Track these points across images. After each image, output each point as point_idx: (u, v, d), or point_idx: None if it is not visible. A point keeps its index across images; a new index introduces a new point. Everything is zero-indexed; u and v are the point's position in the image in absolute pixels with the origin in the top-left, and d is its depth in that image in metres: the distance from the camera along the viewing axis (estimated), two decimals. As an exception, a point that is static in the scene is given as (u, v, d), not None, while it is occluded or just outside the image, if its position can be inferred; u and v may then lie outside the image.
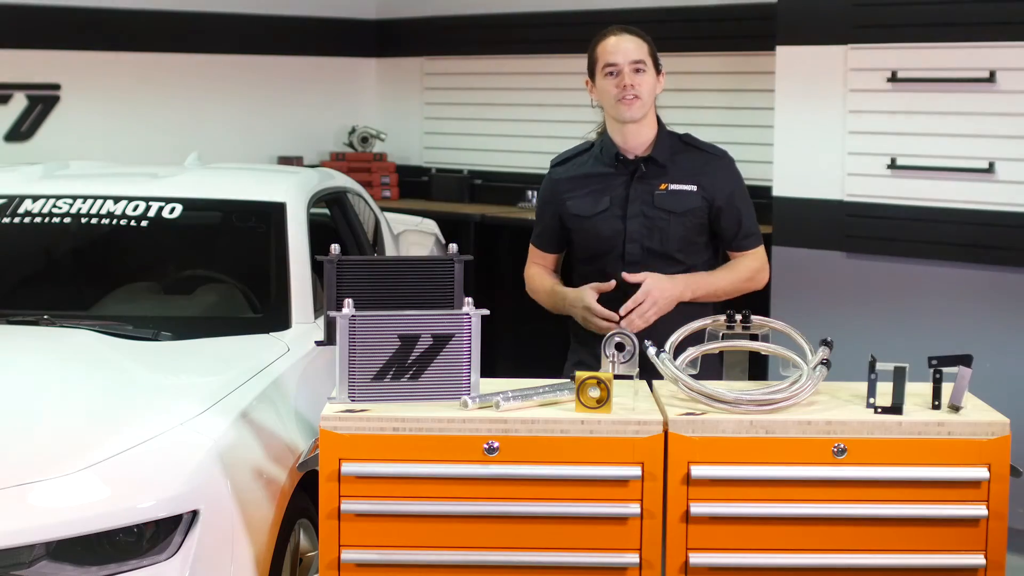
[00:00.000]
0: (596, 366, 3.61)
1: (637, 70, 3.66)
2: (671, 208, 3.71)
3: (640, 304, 3.59)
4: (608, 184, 3.75)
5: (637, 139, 3.73)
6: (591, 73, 3.75)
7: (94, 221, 4.55)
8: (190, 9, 7.68)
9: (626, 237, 3.71)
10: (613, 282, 3.65)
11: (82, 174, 5.07)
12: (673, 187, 3.72)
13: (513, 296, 4.97)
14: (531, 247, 3.95)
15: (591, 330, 3.65)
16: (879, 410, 3.08)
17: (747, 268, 3.80)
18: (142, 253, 4.67)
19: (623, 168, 3.75)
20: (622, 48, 3.68)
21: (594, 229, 3.75)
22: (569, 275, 3.89)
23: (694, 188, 3.72)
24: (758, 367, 3.93)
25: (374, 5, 8.46)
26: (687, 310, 3.62)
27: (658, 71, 3.72)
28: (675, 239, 3.71)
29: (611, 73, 3.68)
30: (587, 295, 3.65)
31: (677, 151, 3.76)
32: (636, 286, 3.63)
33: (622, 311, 3.59)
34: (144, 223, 4.53)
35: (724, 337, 3.36)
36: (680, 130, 3.84)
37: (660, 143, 3.75)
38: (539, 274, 3.91)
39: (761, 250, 3.85)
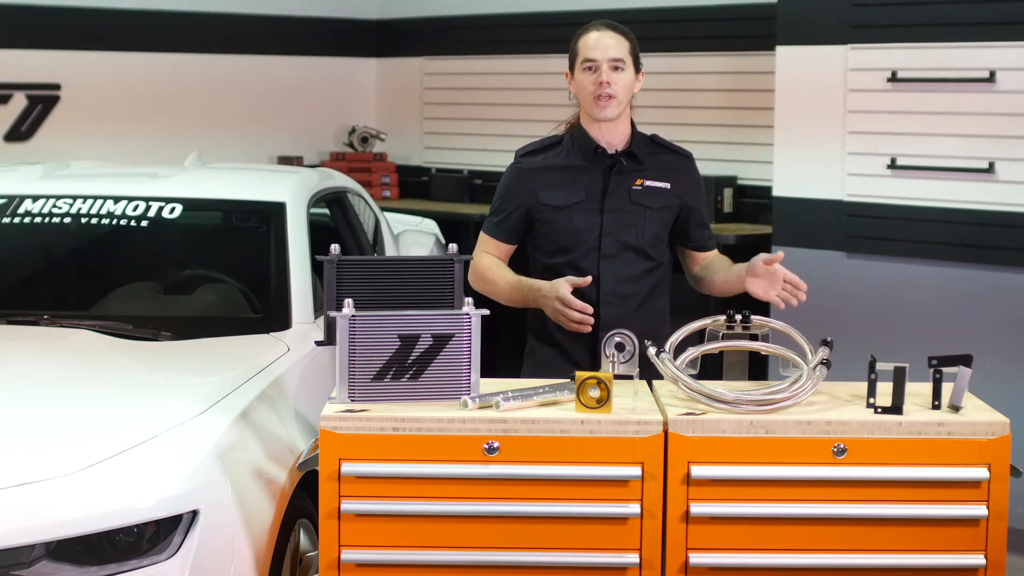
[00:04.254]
0: (558, 363, 3.61)
1: (616, 68, 3.64)
2: (647, 204, 3.72)
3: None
4: (582, 176, 3.73)
5: (613, 136, 3.73)
6: (571, 66, 3.73)
7: (94, 221, 4.55)
8: (190, 9, 7.67)
9: (602, 230, 3.70)
10: (589, 278, 3.58)
11: (82, 174, 5.07)
12: (649, 183, 3.72)
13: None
14: (483, 236, 3.82)
15: (561, 324, 3.57)
16: (879, 410, 3.08)
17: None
18: (142, 253, 4.67)
19: (599, 161, 3.73)
20: (603, 44, 3.66)
21: (568, 221, 3.71)
22: (526, 271, 3.79)
23: (668, 186, 3.74)
24: (758, 367, 3.92)
25: (374, 5, 8.46)
26: (652, 311, 3.69)
27: (637, 70, 3.71)
28: (649, 234, 3.72)
29: (589, 68, 3.66)
30: (562, 287, 3.53)
31: (649, 150, 3.77)
32: (608, 280, 3.65)
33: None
34: (144, 223, 4.53)
35: (724, 337, 3.36)
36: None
37: (636, 140, 3.76)
38: (496, 264, 3.78)
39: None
